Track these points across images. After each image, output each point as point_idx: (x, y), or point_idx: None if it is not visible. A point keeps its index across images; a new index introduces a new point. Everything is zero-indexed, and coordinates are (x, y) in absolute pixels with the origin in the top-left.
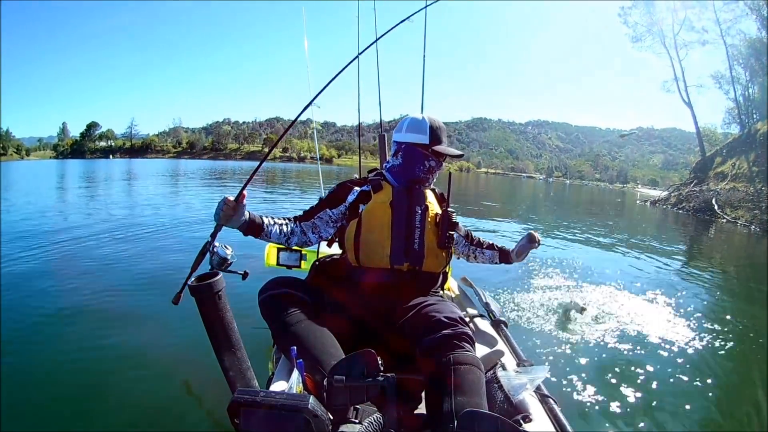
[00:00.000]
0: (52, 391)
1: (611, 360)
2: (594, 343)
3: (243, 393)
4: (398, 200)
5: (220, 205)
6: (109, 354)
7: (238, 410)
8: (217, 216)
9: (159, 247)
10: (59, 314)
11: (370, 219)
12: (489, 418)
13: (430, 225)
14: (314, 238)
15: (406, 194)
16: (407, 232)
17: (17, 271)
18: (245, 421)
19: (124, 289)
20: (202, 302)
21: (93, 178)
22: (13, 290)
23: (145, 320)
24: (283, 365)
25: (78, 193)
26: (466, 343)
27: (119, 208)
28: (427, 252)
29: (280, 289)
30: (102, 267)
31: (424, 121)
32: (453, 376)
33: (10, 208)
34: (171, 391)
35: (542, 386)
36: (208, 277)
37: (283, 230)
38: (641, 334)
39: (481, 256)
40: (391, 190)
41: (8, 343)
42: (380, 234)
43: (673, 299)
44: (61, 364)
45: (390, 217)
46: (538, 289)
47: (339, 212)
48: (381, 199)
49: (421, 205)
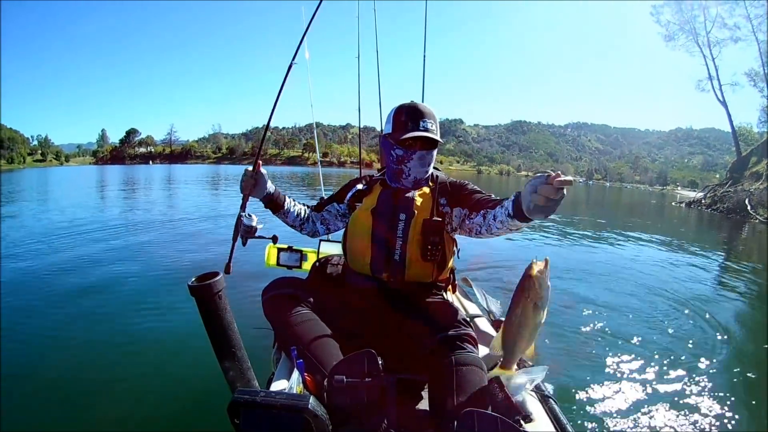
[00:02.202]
0: (51, 390)
1: (612, 360)
2: (594, 343)
3: (243, 393)
4: (382, 207)
5: (242, 177)
6: (110, 354)
7: (238, 410)
8: (241, 186)
9: (172, 244)
10: (59, 314)
11: (354, 225)
12: (489, 418)
13: (414, 234)
14: (322, 230)
15: (391, 200)
16: (388, 243)
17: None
18: (245, 421)
19: (125, 288)
20: (202, 302)
21: (133, 181)
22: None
23: (145, 320)
24: (283, 365)
25: (125, 195)
26: (469, 344)
27: (143, 208)
28: (409, 263)
29: (283, 290)
30: (106, 266)
31: (392, 110)
32: (455, 377)
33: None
34: (171, 391)
35: (542, 386)
36: (208, 278)
37: (300, 214)
38: (642, 333)
39: (493, 224)
40: (378, 194)
41: (16, 341)
42: (362, 242)
43: (683, 299)
44: (61, 364)
45: (371, 226)
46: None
47: (344, 207)
48: (366, 205)
49: (406, 212)
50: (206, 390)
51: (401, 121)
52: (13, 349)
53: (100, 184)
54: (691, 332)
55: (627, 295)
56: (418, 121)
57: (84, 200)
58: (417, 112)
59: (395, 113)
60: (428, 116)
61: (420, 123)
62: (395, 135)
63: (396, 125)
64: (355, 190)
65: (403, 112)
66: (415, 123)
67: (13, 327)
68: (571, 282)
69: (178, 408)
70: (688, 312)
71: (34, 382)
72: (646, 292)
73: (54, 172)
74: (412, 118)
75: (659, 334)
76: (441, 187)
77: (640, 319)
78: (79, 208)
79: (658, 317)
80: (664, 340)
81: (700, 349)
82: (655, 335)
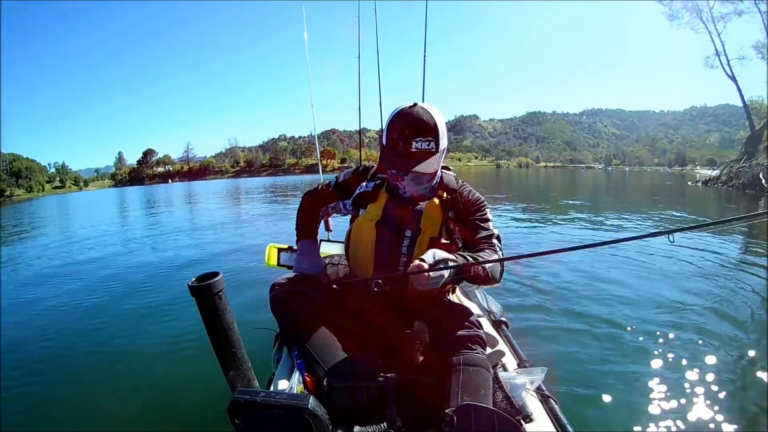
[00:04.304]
0: (52, 391)
1: (612, 359)
2: (595, 343)
3: (243, 393)
4: (387, 221)
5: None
6: (110, 354)
7: (238, 410)
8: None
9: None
10: (59, 313)
11: (357, 234)
12: (486, 411)
13: (420, 253)
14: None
15: (397, 213)
16: (392, 258)
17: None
18: (245, 421)
19: (127, 291)
20: (202, 303)
21: (155, 200)
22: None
23: (145, 321)
24: (283, 365)
25: (147, 213)
26: (479, 345)
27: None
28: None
29: (291, 287)
30: (114, 271)
31: (391, 116)
32: (461, 376)
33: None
34: (171, 391)
35: (542, 386)
36: (208, 278)
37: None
38: (643, 333)
39: None
40: (383, 205)
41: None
42: (365, 253)
43: (692, 290)
44: (61, 363)
45: (374, 240)
46: (539, 288)
47: (350, 204)
48: (371, 215)
49: (413, 228)
50: (206, 390)
51: (393, 139)
52: (14, 348)
53: (121, 206)
54: (699, 326)
55: (630, 287)
56: (410, 140)
57: (105, 219)
58: (410, 128)
59: (389, 126)
60: (423, 131)
61: (413, 143)
62: (384, 157)
63: (389, 141)
64: (361, 190)
65: (396, 128)
66: (407, 143)
67: (12, 327)
68: (571, 279)
69: (179, 408)
70: (696, 305)
71: (35, 382)
72: (649, 283)
73: (75, 197)
74: (404, 139)
75: (663, 330)
76: (453, 200)
77: (645, 315)
78: (98, 226)
79: (663, 311)
80: (669, 336)
81: (708, 346)
82: (659, 330)
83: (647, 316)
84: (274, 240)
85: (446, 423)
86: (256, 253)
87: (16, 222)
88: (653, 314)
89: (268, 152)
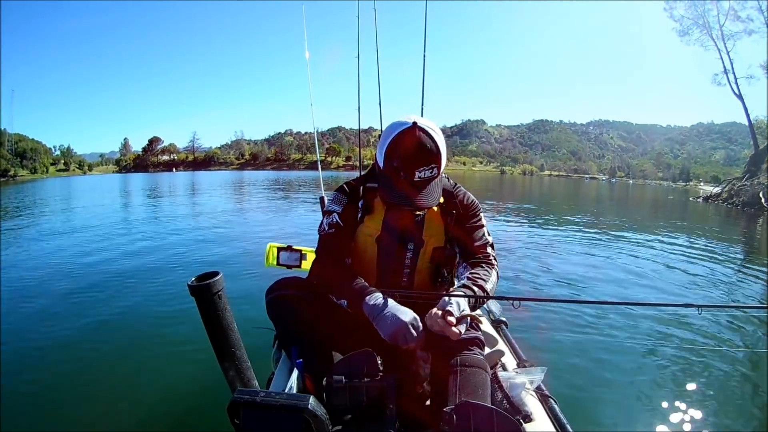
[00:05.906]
0: (51, 391)
1: (612, 359)
2: (595, 343)
3: (243, 393)
4: (387, 236)
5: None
6: (110, 354)
7: (238, 410)
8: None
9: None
10: (59, 314)
11: (357, 248)
12: (484, 409)
13: (423, 263)
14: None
15: (398, 225)
16: (395, 271)
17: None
18: (245, 421)
19: (126, 290)
20: (201, 302)
21: (157, 189)
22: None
23: (144, 320)
24: (283, 365)
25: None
26: (477, 347)
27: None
28: (416, 287)
29: (287, 290)
30: (115, 270)
31: (388, 135)
32: (459, 377)
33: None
34: (171, 391)
35: (542, 386)
36: (208, 277)
37: None
38: (643, 333)
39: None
40: (382, 217)
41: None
42: (367, 267)
43: (688, 297)
44: (61, 363)
45: (375, 256)
46: (539, 287)
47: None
48: (369, 229)
49: (415, 240)
50: (206, 390)
51: (393, 168)
52: (13, 349)
53: (124, 192)
54: (699, 326)
55: (630, 288)
56: (413, 171)
57: (107, 203)
58: (413, 157)
59: (388, 151)
60: (426, 159)
61: (416, 173)
62: (383, 189)
63: (388, 169)
64: (344, 208)
65: (396, 156)
66: (410, 174)
67: (12, 327)
68: (571, 279)
69: (179, 408)
70: (694, 311)
71: (34, 382)
72: (648, 289)
73: (77, 181)
74: (406, 169)
75: (663, 333)
76: (450, 204)
77: (643, 318)
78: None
79: (661, 316)
80: (667, 338)
81: (708, 346)
82: (658, 334)
83: (647, 316)
84: (274, 239)
85: (445, 421)
86: (256, 252)
87: (18, 203)
88: (653, 314)
89: (273, 146)
